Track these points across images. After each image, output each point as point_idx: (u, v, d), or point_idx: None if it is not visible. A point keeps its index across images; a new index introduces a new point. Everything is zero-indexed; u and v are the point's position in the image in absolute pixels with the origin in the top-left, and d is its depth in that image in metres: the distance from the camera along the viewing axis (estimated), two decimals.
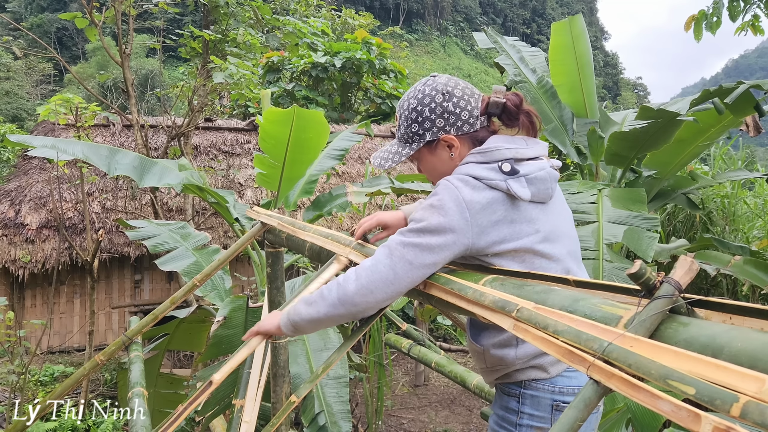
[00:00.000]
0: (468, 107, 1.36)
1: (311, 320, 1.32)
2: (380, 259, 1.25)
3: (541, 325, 0.86)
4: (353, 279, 1.26)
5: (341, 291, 1.26)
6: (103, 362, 2.32)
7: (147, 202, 7.89)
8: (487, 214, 1.23)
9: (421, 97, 1.37)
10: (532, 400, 1.33)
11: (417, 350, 3.72)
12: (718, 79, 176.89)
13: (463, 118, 1.36)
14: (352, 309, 1.26)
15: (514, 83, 4.45)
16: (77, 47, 42.03)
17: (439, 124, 1.36)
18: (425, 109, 1.36)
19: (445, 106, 1.35)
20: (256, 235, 2.28)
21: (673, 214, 5.77)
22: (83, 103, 5.98)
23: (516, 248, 1.27)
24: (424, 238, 1.22)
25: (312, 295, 1.35)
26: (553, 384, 1.32)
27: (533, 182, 1.28)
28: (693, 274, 0.76)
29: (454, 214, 1.21)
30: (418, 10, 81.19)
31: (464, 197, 1.22)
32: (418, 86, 1.40)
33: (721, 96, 3.41)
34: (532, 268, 1.28)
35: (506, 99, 1.35)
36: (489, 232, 1.24)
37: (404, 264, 1.22)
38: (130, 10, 6.16)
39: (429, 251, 1.22)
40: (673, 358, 0.66)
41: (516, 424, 1.34)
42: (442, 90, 1.36)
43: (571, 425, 0.71)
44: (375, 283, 1.23)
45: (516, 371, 1.34)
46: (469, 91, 1.38)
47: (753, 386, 0.56)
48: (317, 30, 13.69)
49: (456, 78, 1.40)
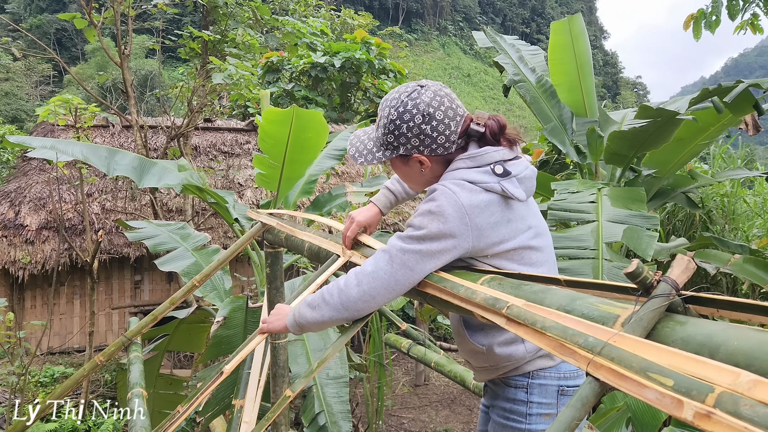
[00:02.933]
0: (446, 132, 1.34)
1: (316, 323, 1.37)
2: (381, 266, 1.28)
3: (530, 322, 0.88)
4: (355, 284, 1.29)
5: (344, 297, 1.30)
6: (102, 363, 2.32)
7: (146, 203, 7.89)
8: (486, 217, 1.25)
9: (402, 111, 1.34)
10: (540, 388, 1.37)
11: (417, 350, 3.72)
12: (718, 77, 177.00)
13: (439, 142, 1.34)
14: (355, 313, 1.32)
15: (513, 82, 4.45)
16: (76, 48, 42.05)
17: (414, 143, 1.36)
18: (403, 125, 1.34)
19: (423, 128, 1.33)
20: (256, 235, 2.28)
21: (673, 212, 5.77)
22: (82, 104, 5.98)
23: (514, 247, 1.30)
24: (425, 244, 1.24)
25: (315, 297, 1.38)
26: (558, 370, 1.38)
27: (523, 181, 1.32)
28: (690, 272, 0.77)
29: (454, 219, 1.22)
30: (418, 10, 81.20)
31: (463, 202, 1.23)
32: (402, 95, 1.36)
33: (720, 95, 3.41)
34: (529, 262, 1.33)
35: (486, 127, 1.35)
36: (488, 234, 1.26)
37: (405, 270, 1.25)
38: (129, 10, 6.16)
39: (430, 257, 1.24)
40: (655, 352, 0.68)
41: (526, 414, 1.38)
42: (424, 111, 1.32)
43: (568, 424, 0.71)
44: (377, 289, 1.27)
45: (526, 363, 1.38)
46: (451, 113, 1.34)
47: (728, 379, 0.59)
48: (316, 30, 13.69)
49: (443, 94, 1.35)
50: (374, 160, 1.42)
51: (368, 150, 1.44)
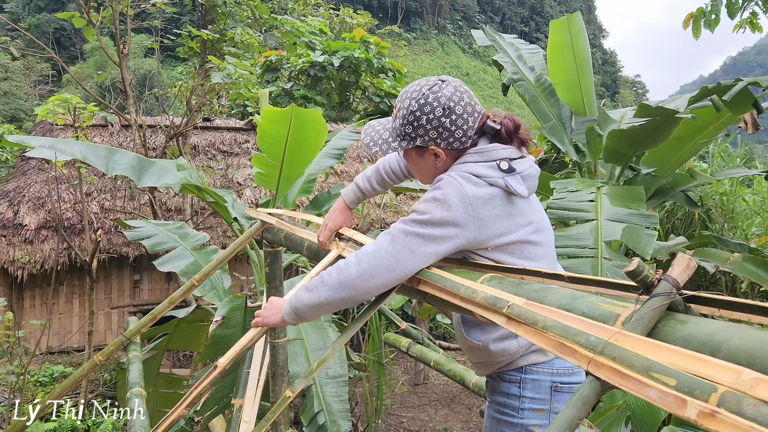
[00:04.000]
0: (464, 126, 1.37)
1: (312, 306, 1.36)
2: (383, 245, 1.29)
3: (531, 321, 0.88)
4: (354, 263, 1.30)
5: (342, 275, 1.31)
6: (101, 362, 2.32)
7: (145, 202, 7.88)
8: (488, 209, 1.29)
9: (423, 103, 1.37)
10: (533, 383, 1.39)
11: (416, 349, 3.72)
12: (717, 76, 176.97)
13: (456, 136, 1.38)
14: (353, 293, 1.30)
15: (512, 81, 4.44)
16: (75, 47, 41.98)
17: (432, 135, 1.38)
18: (423, 117, 1.37)
19: (442, 121, 1.36)
20: (255, 234, 2.28)
21: (672, 211, 5.77)
22: (81, 103, 5.97)
23: (514, 240, 1.34)
24: (428, 229, 1.27)
25: (312, 281, 1.39)
26: (552, 366, 1.39)
27: (526, 179, 1.36)
28: (691, 271, 0.76)
29: (458, 208, 1.26)
30: (416, 9, 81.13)
31: (467, 193, 1.27)
32: (424, 88, 1.39)
33: (719, 93, 3.41)
34: (528, 256, 1.36)
35: (502, 125, 1.39)
36: (490, 226, 1.29)
37: (406, 252, 1.26)
38: (127, 9, 6.15)
39: (432, 241, 1.27)
40: (656, 351, 0.68)
41: (518, 409, 1.40)
42: (445, 104, 1.35)
43: (569, 424, 0.71)
44: (376, 268, 1.27)
45: (518, 358, 1.40)
46: (470, 109, 1.38)
47: (731, 377, 0.58)
48: (315, 29, 13.68)
49: (463, 90, 1.39)
50: (389, 149, 1.45)
51: (383, 140, 1.46)
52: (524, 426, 1.40)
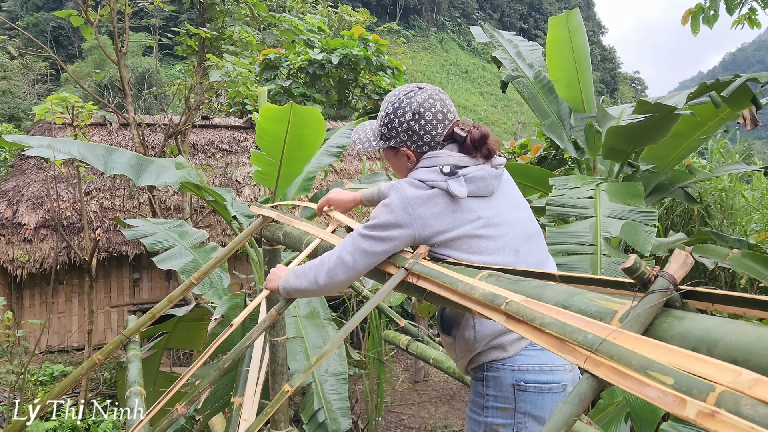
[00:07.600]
0: (432, 132, 1.49)
1: (297, 290, 1.61)
2: (345, 247, 1.49)
3: (529, 318, 0.87)
4: (325, 263, 1.52)
5: (316, 272, 1.54)
6: (101, 361, 2.32)
7: (144, 201, 7.88)
8: (428, 208, 1.40)
9: (397, 107, 1.51)
10: (495, 381, 1.41)
11: (415, 346, 3.72)
12: (716, 72, 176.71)
13: (425, 140, 1.50)
14: (324, 287, 1.54)
15: (511, 78, 4.44)
16: (73, 46, 41.90)
17: (403, 137, 1.53)
18: (396, 120, 1.52)
19: (411, 125, 1.50)
20: (255, 231, 2.28)
21: (671, 208, 5.77)
22: (80, 102, 5.96)
23: (459, 236, 1.40)
24: (377, 231, 1.44)
25: (301, 268, 1.61)
26: (513, 363, 1.39)
27: (472, 180, 1.42)
28: (688, 267, 0.76)
29: (399, 210, 1.40)
30: (415, 6, 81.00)
31: (407, 195, 1.41)
32: (401, 93, 1.53)
33: (718, 89, 3.41)
34: (477, 250, 1.40)
35: (468, 134, 1.47)
36: (432, 223, 1.40)
37: (360, 252, 1.45)
38: (125, 8, 6.14)
39: (380, 241, 1.44)
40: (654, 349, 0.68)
41: (483, 407, 1.43)
42: (415, 110, 1.48)
43: (565, 420, 0.71)
44: (339, 267, 1.48)
45: (479, 354, 1.43)
46: (440, 116, 1.49)
47: (729, 377, 0.58)
48: (314, 27, 13.66)
49: (437, 98, 1.50)
50: (369, 147, 1.61)
51: (367, 138, 1.63)
52: (488, 425, 1.41)
